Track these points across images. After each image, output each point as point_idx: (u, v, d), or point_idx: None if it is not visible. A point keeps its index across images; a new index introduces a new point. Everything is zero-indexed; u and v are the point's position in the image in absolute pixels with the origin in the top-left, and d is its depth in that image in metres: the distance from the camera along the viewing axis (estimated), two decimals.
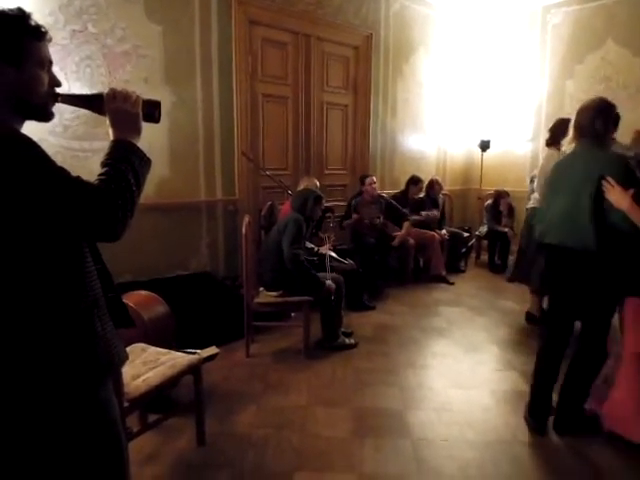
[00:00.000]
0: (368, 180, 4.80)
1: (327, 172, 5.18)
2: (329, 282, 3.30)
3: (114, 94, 1.11)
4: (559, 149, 3.76)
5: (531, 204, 3.99)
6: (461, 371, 3.16)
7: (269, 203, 4.16)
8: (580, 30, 5.63)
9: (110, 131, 1.11)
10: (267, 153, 4.58)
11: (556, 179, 2.44)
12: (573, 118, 2.51)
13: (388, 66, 5.54)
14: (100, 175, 1.03)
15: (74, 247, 1.06)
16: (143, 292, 2.79)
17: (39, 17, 0.98)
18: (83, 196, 0.97)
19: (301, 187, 3.92)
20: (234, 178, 4.22)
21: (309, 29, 4.70)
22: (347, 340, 3.48)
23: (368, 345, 3.51)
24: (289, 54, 4.63)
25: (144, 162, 1.10)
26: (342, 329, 3.51)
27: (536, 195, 3.86)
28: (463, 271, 5.76)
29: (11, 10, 1.02)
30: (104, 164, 1.05)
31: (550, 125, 3.99)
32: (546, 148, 3.92)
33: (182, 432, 2.33)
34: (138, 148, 1.10)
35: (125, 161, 1.05)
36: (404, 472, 2.10)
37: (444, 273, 5.26)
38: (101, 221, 0.99)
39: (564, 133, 3.75)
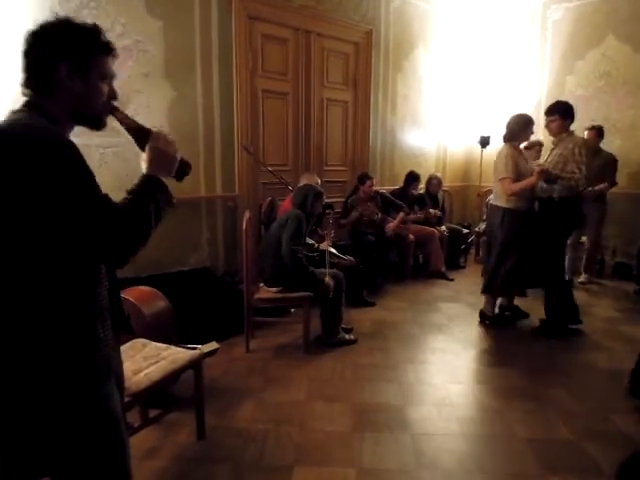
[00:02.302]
0: (368, 183, 4.80)
1: (327, 168, 5.18)
2: (328, 279, 3.31)
3: (159, 136, 1.17)
4: (517, 146, 3.64)
5: (504, 204, 3.64)
6: (460, 367, 3.18)
7: (269, 199, 4.16)
8: (581, 26, 5.62)
9: (144, 165, 1.15)
10: (267, 149, 4.58)
11: None
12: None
13: (388, 62, 5.53)
14: (125, 200, 1.06)
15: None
16: (144, 287, 2.79)
17: (38, 12, 0.99)
18: (105, 212, 0.99)
19: (302, 183, 3.92)
20: (234, 174, 4.22)
21: (309, 25, 4.69)
22: (347, 336, 3.50)
23: (368, 341, 3.53)
24: (289, 50, 4.62)
25: (168, 203, 1.13)
26: (342, 325, 3.52)
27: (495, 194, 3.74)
28: (463, 267, 5.78)
29: (87, 24, 1.14)
30: (131, 192, 1.08)
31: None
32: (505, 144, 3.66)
33: (182, 427, 2.35)
34: (167, 188, 1.13)
35: (152, 197, 1.09)
36: (403, 466, 2.11)
37: (443, 269, 5.27)
38: (114, 242, 1.01)
39: (526, 131, 3.62)
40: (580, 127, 4.44)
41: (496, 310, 3.89)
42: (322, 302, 3.39)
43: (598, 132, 4.76)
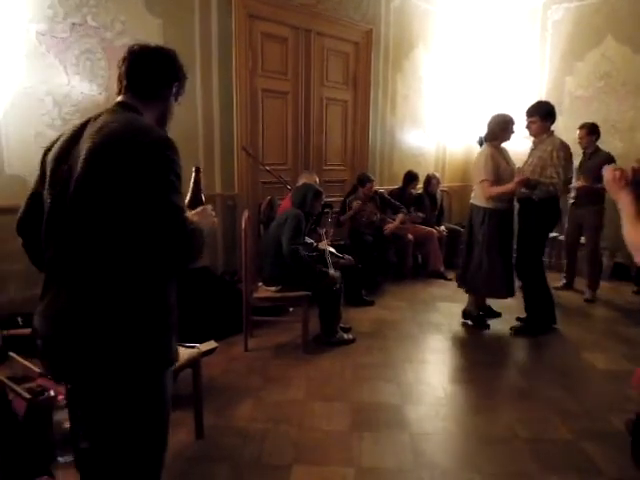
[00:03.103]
0: (368, 185, 4.80)
1: (326, 167, 5.18)
2: (332, 271, 3.34)
3: (204, 211, 1.37)
4: (498, 146, 3.59)
5: (484, 204, 3.59)
6: (458, 366, 3.18)
7: (268, 198, 4.15)
8: (580, 27, 5.62)
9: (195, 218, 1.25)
10: (266, 148, 4.57)
11: None
12: None
13: (388, 62, 5.52)
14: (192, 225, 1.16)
15: None
16: None
17: (38, 10, 0.98)
18: (177, 221, 1.11)
19: (301, 182, 3.92)
20: (233, 173, 4.22)
21: (309, 24, 4.68)
22: (345, 335, 3.49)
23: (366, 340, 3.53)
24: (289, 49, 4.61)
25: (202, 247, 1.21)
26: (340, 324, 3.52)
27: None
28: None
29: (172, 50, 1.35)
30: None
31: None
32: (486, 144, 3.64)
33: (181, 425, 2.33)
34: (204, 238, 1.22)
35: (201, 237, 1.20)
36: (402, 465, 2.11)
37: (442, 269, 5.27)
38: (178, 250, 1.13)
39: (507, 131, 3.57)
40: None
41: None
42: (321, 301, 3.38)
43: (589, 130, 4.49)
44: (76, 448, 1.31)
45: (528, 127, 3.61)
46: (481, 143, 6.21)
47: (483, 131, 3.80)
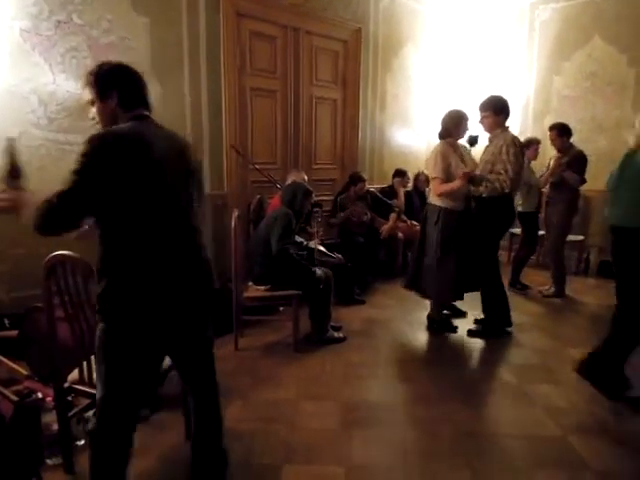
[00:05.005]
0: (360, 185, 4.80)
1: (316, 167, 5.17)
2: (319, 271, 3.33)
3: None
4: (453, 143, 3.52)
5: (439, 203, 3.50)
6: (447, 364, 3.19)
7: (258, 197, 4.15)
8: (567, 27, 5.68)
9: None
10: (256, 147, 4.56)
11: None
12: None
13: (377, 60, 5.53)
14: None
15: None
16: None
17: (22, 7, 0.97)
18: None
19: (289, 181, 3.91)
20: (222, 172, 4.20)
21: (298, 22, 4.67)
22: (336, 334, 3.50)
23: (357, 339, 3.53)
24: (278, 47, 4.60)
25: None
26: (331, 323, 3.52)
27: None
28: None
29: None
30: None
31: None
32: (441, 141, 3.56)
33: (170, 426, 2.33)
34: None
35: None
36: (392, 463, 2.12)
37: None
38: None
39: (460, 127, 3.52)
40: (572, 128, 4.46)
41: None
42: (312, 300, 3.38)
43: (559, 132, 4.34)
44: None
45: (481, 122, 3.53)
46: (471, 142, 6.26)
47: (473, 130, 3.80)
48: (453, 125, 3.50)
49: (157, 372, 1.75)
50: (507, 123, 3.52)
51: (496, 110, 3.43)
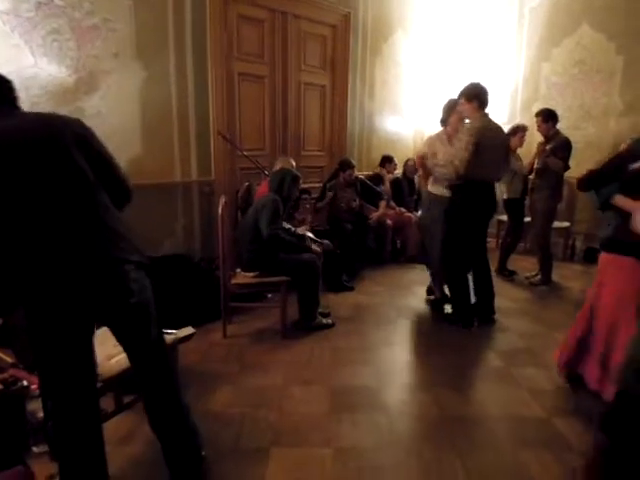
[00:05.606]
0: (349, 172, 4.79)
1: (304, 153, 5.14)
2: (314, 246, 3.46)
3: None
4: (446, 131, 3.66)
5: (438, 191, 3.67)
6: (434, 349, 3.22)
7: (246, 184, 4.11)
8: (557, 14, 5.66)
9: None
10: (244, 133, 4.51)
11: None
12: None
13: (366, 46, 5.48)
14: None
15: None
16: None
17: None
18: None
19: (277, 167, 3.88)
20: (210, 158, 4.14)
21: (286, 6, 4.60)
22: (324, 320, 3.51)
23: (345, 325, 3.55)
24: (265, 32, 4.53)
25: None
26: (320, 309, 3.53)
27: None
28: None
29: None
30: None
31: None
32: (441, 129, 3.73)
33: None
34: None
35: None
36: (379, 446, 2.14)
37: None
38: None
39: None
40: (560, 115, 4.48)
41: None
42: (300, 286, 3.38)
43: (544, 117, 4.35)
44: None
45: (459, 109, 3.52)
46: None
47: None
48: (446, 113, 3.63)
49: (85, 352, 1.62)
50: (490, 110, 3.49)
51: (469, 97, 3.40)
